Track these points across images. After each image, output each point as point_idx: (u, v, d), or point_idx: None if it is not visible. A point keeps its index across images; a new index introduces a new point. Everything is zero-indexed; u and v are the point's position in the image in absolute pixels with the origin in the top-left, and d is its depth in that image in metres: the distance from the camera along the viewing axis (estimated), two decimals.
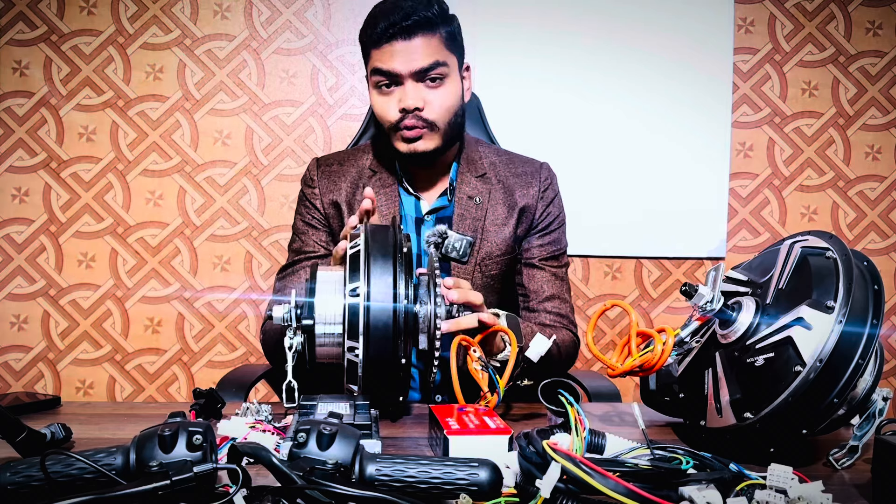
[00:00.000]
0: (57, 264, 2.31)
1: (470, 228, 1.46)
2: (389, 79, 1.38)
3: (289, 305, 1.02)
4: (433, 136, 1.40)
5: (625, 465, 0.72)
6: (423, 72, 1.37)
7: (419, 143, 1.40)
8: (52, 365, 2.33)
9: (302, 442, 0.70)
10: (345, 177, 1.51)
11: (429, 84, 1.38)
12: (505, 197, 1.50)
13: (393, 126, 1.40)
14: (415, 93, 1.37)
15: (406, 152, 1.41)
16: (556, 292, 1.51)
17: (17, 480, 0.67)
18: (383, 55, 1.37)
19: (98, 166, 2.31)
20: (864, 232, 2.44)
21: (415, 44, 1.36)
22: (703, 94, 2.36)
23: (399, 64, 1.36)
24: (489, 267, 1.47)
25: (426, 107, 1.38)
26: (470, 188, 1.49)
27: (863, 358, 0.83)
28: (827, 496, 0.69)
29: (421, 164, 1.46)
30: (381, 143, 1.51)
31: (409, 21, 1.34)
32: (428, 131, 1.39)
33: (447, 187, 1.50)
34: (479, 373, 1.07)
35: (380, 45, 1.37)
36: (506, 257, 1.49)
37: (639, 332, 0.97)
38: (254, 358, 2.35)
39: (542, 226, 1.53)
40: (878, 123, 2.43)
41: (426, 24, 1.36)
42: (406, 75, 1.37)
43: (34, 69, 2.29)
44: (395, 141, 1.42)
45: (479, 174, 1.51)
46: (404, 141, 1.40)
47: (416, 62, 1.36)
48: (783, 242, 1.00)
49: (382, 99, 1.41)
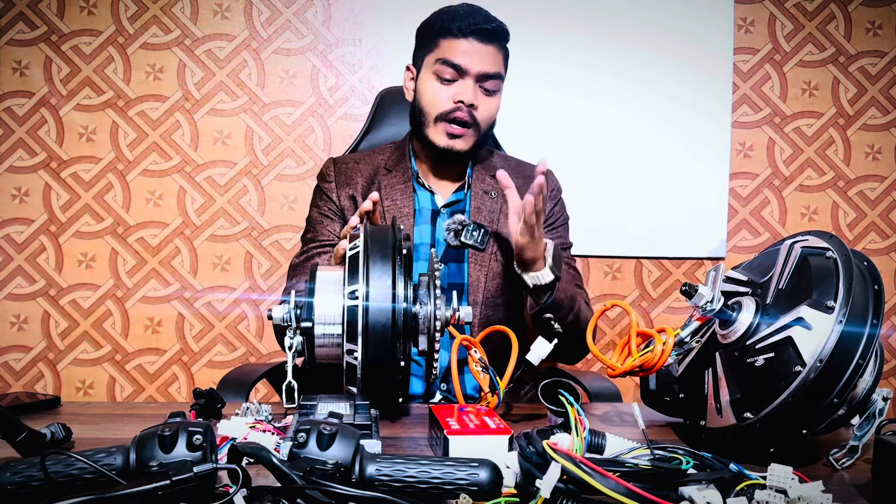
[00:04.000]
0: (57, 264, 2.31)
1: (486, 220, 1.50)
2: (456, 71, 1.44)
3: (288, 306, 1.03)
4: (471, 138, 1.47)
5: (625, 465, 0.72)
6: (486, 77, 1.45)
7: (459, 140, 1.46)
8: (52, 365, 2.33)
9: (302, 442, 0.70)
10: (361, 173, 1.55)
11: (484, 91, 1.46)
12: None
13: (442, 115, 1.45)
14: (473, 90, 1.44)
15: (443, 147, 1.46)
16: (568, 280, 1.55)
17: (17, 480, 0.67)
18: (457, 47, 1.44)
19: (98, 166, 2.31)
20: (864, 232, 2.44)
21: (488, 49, 1.44)
22: (703, 94, 2.36)
23: (470, 61, 1.43)
24: (506, 255, 1.50)
25: (479, 107, 1.45)
26: (485, 185, 1.55)
27: (863, 358, 0.83)
28: (827, 496, 0.69)
29: (448, 162, 1.51)
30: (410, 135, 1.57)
31: (489, 26, 1.44)
32: (470, 131, 1.46)
33: (461, 184, 1.55)
34: (480, 373, 1.07)
35: (456, 37, 1.44)
36: None
37: (639, 332, 0.97)
38: (254, 358, 2.35)
39: (549, 221, 1.58)
40: (878, 123, 2.43)
41: (501, 36, 1.46)
42: (471, 73, 1.44)
43: (34, 69, 2.29)
44: (434, 133, 1.47)
45: (493, 174, 1.56)
46: (446, 135, 1.45)
47: (484, 65, 1.44)
48: (783, 242, 1.00)
49: (439, 87, 1.46)
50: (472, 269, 1.48)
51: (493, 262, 1.49)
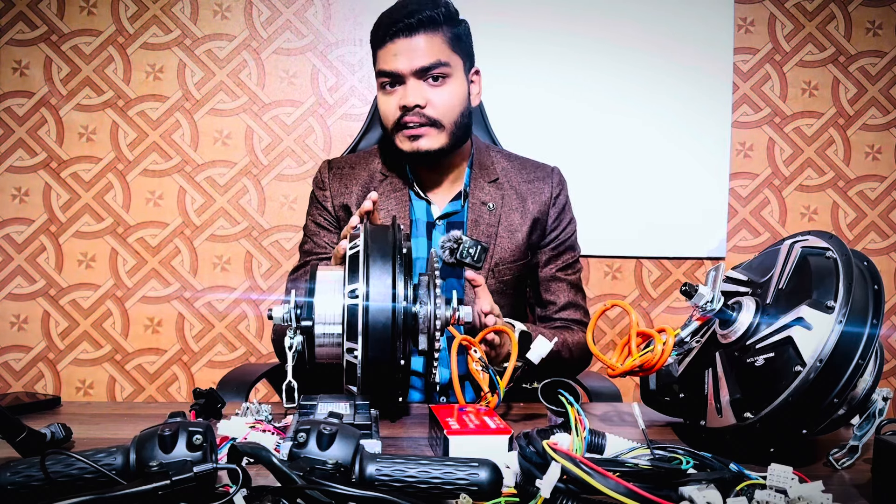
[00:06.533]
0: (57, 264, 2.31)
1: (483, 234, 1.45)
2: (392, 78, 1.39)
3: (288, 306, 1.03)
4: (438, 135, 1.40)
5: (625, 465, 0.72)
6: (425, 70, 1.37)
7: (422, 141, 1.39)
8: (52, 365, 2.33)
9: (302, 442, 0.70)
10: (356, 180, 1.50)
11: (431, 83, 1.39)
12: (518, 204, 1.50)
13: (395, 125, 1.40)
14: (416, 90, 1.37)
15: (409, 151, 1.41)
16: (571, 299, 1.53)
17: (17, 480, 0.67)
18: (387, 55, 1.38)
19: (98, 166, 2.31)
20: (864, 232, 2.44)
21: (416, 41, 1.36)
22: (703, 94, 2.36)
23: (401, 63, 1.37)
24: (502, 272, 1.47)
25: (428, 105, 1.38)
26: (483, 193, 1.48)
27: (863, 358, 0.83)
28: (827, 496, 0.69)
29: (426, 164, 1.46)
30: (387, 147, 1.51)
31: (412, 19, 1.36)
32: (433, 129, 1.39)
33: (458, 192, 1.49)
34: (480, 373, 1.07)
35: (384, 45, 1.38)
36: (518, 263, 1.49)
37: (639, 332, 0.96)
38: (254, 358, 2.35)
39: (555, 234, 1.53)
40: (878, 123, 2.43)
41: (429, 22, 1.37)
42: (408, 74, 1.37)
43: (34, 69, 2.29)
44: (398, 141, 1.42)
45: (492, 179, 1.51)
46: (407, 139, 1.40)
47: (417, 60, 1.37)
48: (783, 242, 1.00)
49: (385, 98, 1.41)
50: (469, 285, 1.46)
51: (489, 278, 1.45)
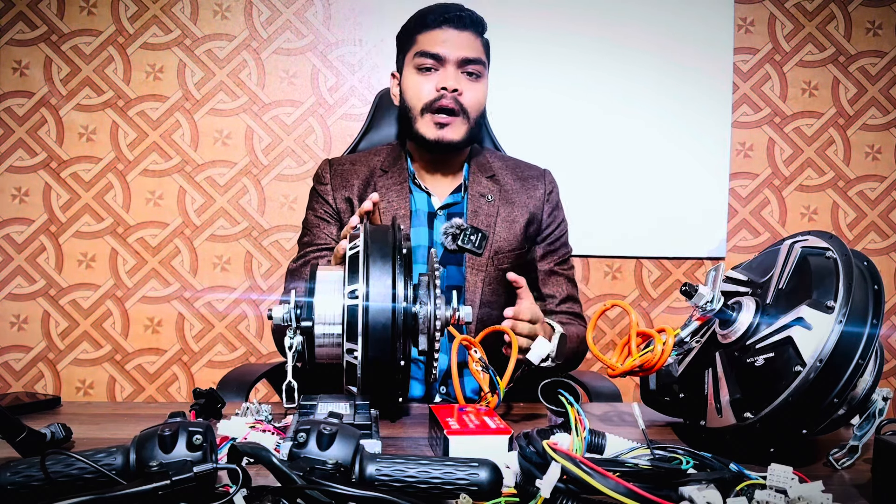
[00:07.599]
0: (57, 264, 2.31)
1: (483, 224, 1.50)
2: (435, 60, 1.45)
3: (288, 306, 1.02)
4: (462, 126, 1.46)
5: (625, 465, 0.72)
6: (468, 61, 1.45)
7: (447, 130, 1.45)
8: (52, 365, 2.33)
9: (302, 442, 0.70)
10: (357, 175, 1.54)
11: (467, 76, 1.46)
12: (514, 198, 1.56)
13: (427, 105, 1.45)
14: (455, 76, 1.45)
15: (433, 139, 1.45)
16: (570, 293, 1.59)
17: (17, 480, 0.67)
18: (433, 38, 1.45)
19: (98, 166, 2.31)
20: (864, 232, 2.44)
21: (464, 35, 1.46)
22: (703, 94, 2.36)
23: (447, 49, 1.44)
24: (501, 261, 1.51)
25: (464, 93, 1.45)
26: (481, 187, 1.54)
27: (863, 358, 0.83)
28: (827, 496, 0.69)
29: (443, 153, 1.50)
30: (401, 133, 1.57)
31: (464, 13, 1.46)
32: (459, 119, 1.45)
33: (458, 185, 1.54)
34: (480, 373, 1.07)
35: (431, 29, 1.46)
36: (516, 252, 1.53)
37: (639, 332, 0.96)
38: (254, 358, 2.35)
39: (550, 230, 1.59)
40: (878, 123, 2.43)
41: (477, 23, 1.48)
42: (451, 60, 1.44)
43: (34, 69, 2.29)
44: (423, 126, 1.46)
45: (489, 175, 1.56)
46: (434, 126, 1.45)
47: (463, 51, 1.45)
48: (783, 242, 1.00)
49: (420, 79, 1.46)
50: (469, 273, 1.48)
51: (489, 266, 1.49)
